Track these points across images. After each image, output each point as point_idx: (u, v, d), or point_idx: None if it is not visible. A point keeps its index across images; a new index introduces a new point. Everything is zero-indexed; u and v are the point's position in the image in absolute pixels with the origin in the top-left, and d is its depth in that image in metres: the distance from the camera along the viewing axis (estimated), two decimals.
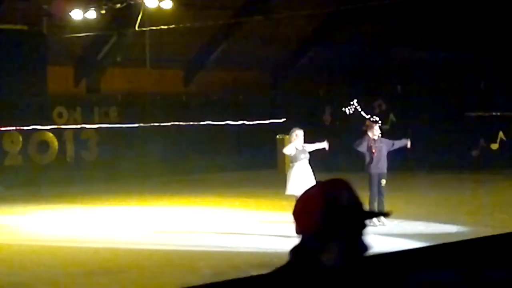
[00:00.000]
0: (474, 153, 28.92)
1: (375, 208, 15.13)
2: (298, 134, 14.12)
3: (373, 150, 15.19)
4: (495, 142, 28.77)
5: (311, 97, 31.32)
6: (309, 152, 14.27)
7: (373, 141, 15.26)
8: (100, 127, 27.67)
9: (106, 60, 28.42)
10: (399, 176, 16.47)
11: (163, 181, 26.56)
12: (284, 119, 29.39)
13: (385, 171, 15.29)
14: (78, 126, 27.50)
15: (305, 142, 14.29)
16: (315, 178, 13.97)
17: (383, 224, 15.05)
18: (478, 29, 30.26)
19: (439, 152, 28.50)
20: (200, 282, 10.30)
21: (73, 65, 28.42)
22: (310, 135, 14.62)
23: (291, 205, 11.83)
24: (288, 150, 14.17)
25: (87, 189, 24.27)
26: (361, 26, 31.04)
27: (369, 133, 15.41)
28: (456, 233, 13.96)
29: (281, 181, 14.65)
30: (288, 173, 14.12)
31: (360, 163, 15.76)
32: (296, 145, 14.03)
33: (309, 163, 14.15)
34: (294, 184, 13.82)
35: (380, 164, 15.24)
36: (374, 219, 15.04)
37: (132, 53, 28.13)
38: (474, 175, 25.74)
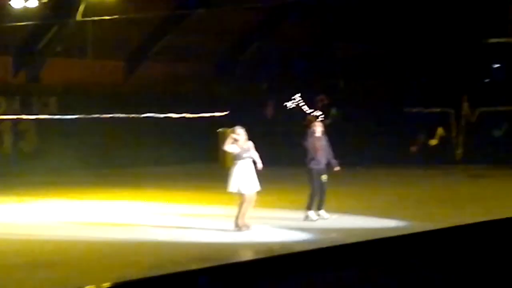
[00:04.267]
0: (413, 148, 29.31)
1: (316, 203, 15.21)
2: (240, 133, 14.07)
3: (317, 147, 15.27)
4: (434, 138, 29.21)
5: (254, 91, 31.36)
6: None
7: (317, 139, 15.34)
8: (39, 118, 27.26)
9: (47, 50, 28.00)
10: (339, 171, 16.55)
11: (103, 174, 26.30)
12: (226, 113, 29.37)
13: (324, 167, 15.38)
14: (16, 117, 27.05)
15: (248, 137, 14.22)
16: (258, 175, 13.99)
17: (324, 218, 15.14)
18: (420, 26, 30.63)
19: (379, 147, 28.83)
20: (140, 275, 10.23)
21: (13, 55, 27.92)
22: (252, 129, 14.60)
23: (232, 199, 11.87)
24: (230, 148, 14.10)
25: (25, 181, 23.90)
26: (304, 20, 31.16)
27: (313, 131, 15.47)
28: (393, 228, 14.11)
29: (222, 175, 14.61)
30: (231, 171, 14.08)
31: (301, 157, 15.81)
32: (240, 143, 13.99)
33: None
34: (236, 182, 13.83)
35: (322, 160, 15.34)
36: (313, 214, 15.13)
37: (74, 44, 27.80)
38: (413, 171, 26.07)
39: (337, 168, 15.53)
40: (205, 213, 16.64)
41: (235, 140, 14.00)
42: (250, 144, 14.10)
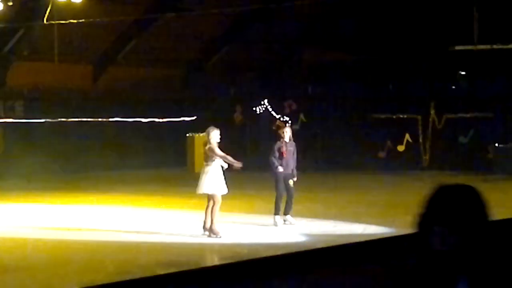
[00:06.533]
0: (381, 154, 29.46)
1: (281, 207, 15.20)
2: (216, 133, 14.04)
3: (283, 152, 15.28)
4: (402, 144, 29.38)
5: (222, 96, 31.33)
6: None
7: (284, 143, 15.35)
8: (5, 122, 26.97)
9: (13, 54, 27.71)
10: (308, 176, 16.60)
11: (70, 178, 26.09)
12: (195, 117, 29.30)
13: (291, 171, 15.37)
14: None
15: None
16: (225, 178, 13.94)
17: (291, 223, 15.14)
18: (387, 32, 30.81)
19: (347, 153, 28.92)
20: (106, 280, 10.16)
21: None
22: (220, 134, 14.56)
23: (201, 203, 11.85)
24: (217, 152, 13.92)
25: None
26: (272, 26, 31.20)
27: (281, 135, 15.48)
28: (361, 234, 14.15)
29: (191, 180, 14.59)
30: (201, 173, 14.00)
31: (268, 162, 15.81)
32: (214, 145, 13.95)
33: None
34: (207, 183, 13.76)
35: (289, 165, 15.34)
36: (279, 219, 15.12)
37: (40, 47, 27.53)
38: (381, 176, 26.19)
39: (294, 179, 15.44)
40: (173, 218, 16.57)
41: (212, 141, 13.93)
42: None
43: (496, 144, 27.61)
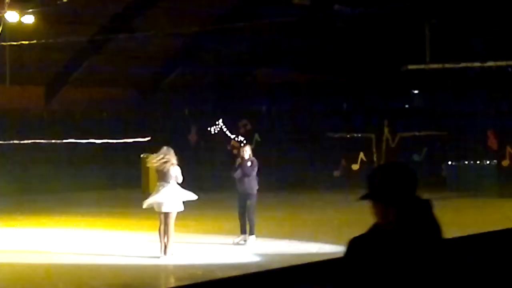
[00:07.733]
0: (336, 173, 29.60)
1: (246, 228, 15.15)
2: (168, 153, 13.93)
3: (245, 171, 15.27)
4: (356, 162, 29.56)
5: (176, 116, 31.23)
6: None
7: (246, 163, 15.31)
8: None
9: None
10: (262, 195, 16.56)
11: (22, 200, 25.70)
12: (149, 138, 29.13)
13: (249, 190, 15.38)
14: None
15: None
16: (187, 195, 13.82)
17: (244, 243, 15.07)
18: (341, 52, 31.04)
19: (302, 172, 29.01)
20: None
21: None
22: (175, 154, 14.47)
23: (154, 224, 11.74)
24: (176, 171, 13.80)
25: None
26: (227, 46, 31.23)
27: (243, 155, 15.42)
28: (316, 253, 14.14)
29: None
30: (155, 190, 13.88)
31: (223, 182, 15.77)
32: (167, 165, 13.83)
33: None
34: (156, 200, 13.66)
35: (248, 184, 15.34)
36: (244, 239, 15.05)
37: None
38: (336, 195, 26.27)
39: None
40: (127, 239, 16.39)
41: (166, 162, 13.84)
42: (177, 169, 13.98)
43: (450, 162, 27.91)
